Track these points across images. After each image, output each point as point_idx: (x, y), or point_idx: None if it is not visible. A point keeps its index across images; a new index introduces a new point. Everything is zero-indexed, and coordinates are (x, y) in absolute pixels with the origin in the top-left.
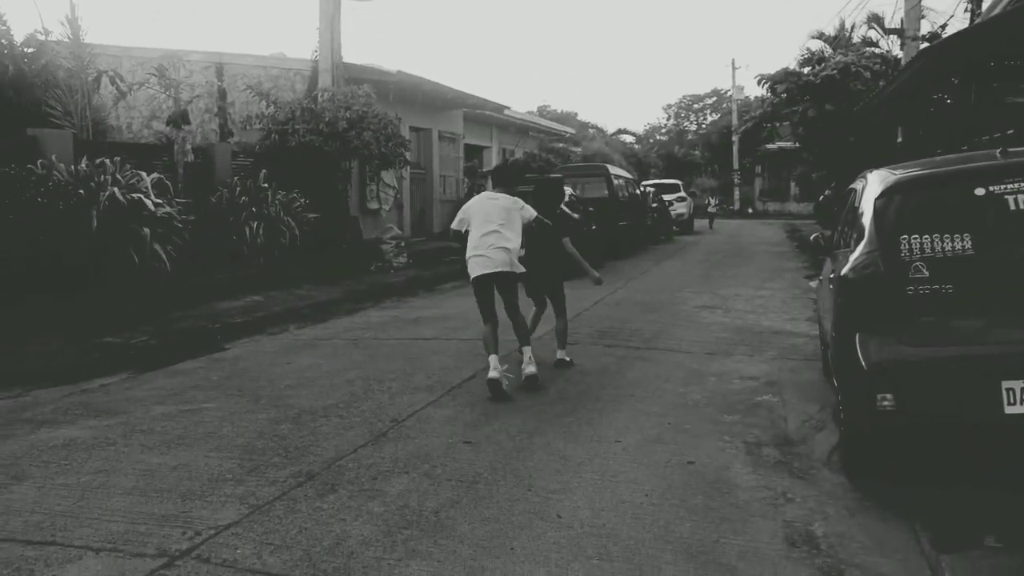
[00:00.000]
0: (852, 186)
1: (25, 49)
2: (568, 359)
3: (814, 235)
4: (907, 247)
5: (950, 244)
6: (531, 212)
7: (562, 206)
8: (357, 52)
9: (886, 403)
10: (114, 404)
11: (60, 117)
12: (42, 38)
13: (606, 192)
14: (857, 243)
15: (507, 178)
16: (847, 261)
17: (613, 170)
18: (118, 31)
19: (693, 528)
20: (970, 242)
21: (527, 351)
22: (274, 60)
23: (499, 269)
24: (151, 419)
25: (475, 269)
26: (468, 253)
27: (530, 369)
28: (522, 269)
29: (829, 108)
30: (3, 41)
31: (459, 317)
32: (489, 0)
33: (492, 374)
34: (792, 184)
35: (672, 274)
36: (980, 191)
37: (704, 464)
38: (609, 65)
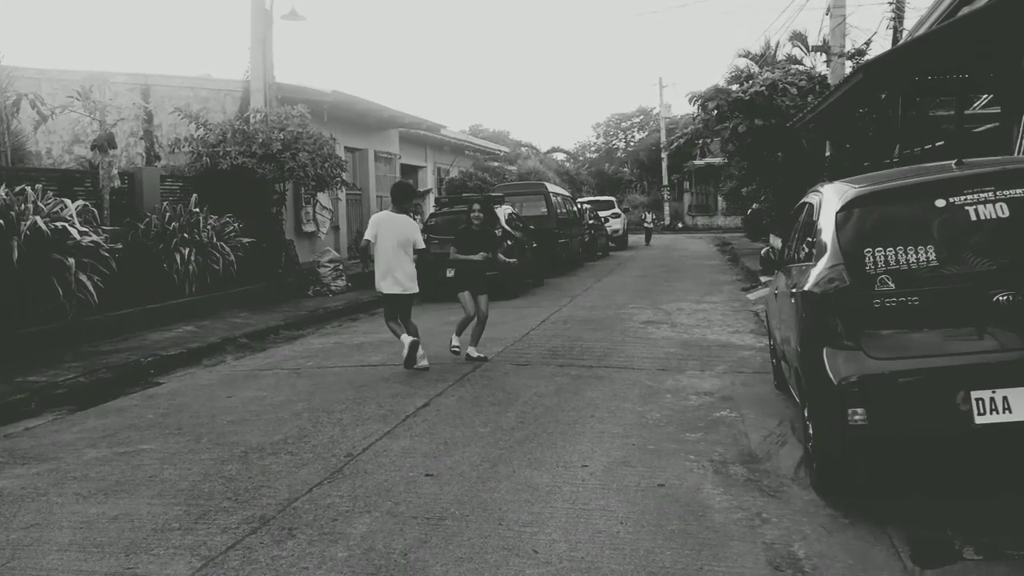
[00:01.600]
0: (806, 200)
1: None
2: (483, 355)
3: (764, 249)
4: (871, 260)
5: (914, 256)
6: (421, 240)
7: (502, 224)
8: (290, 72)
9: (857, 418)
10: (42, 449)
11: None
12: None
13: (545, 210)
14: (819, 257)
15: (402, 197)
16: (809, 276)
17: (551, 188)
18: (37, 52)
19: (674, 556)
20: (933, 253)
21: (417, 343)
22: (203, 81)
23: (404, 292)
24: (84, 464)
25: (387, 288)
26: (378, 270)
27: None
28: (416, 290)
29: (758, 123)
30: None
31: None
32: (422, 21)
33: (408, 340)
34: (720, 199)
35: (614, 290)
36: (941, 202)
37: (674, 486)
38: (539, 84)
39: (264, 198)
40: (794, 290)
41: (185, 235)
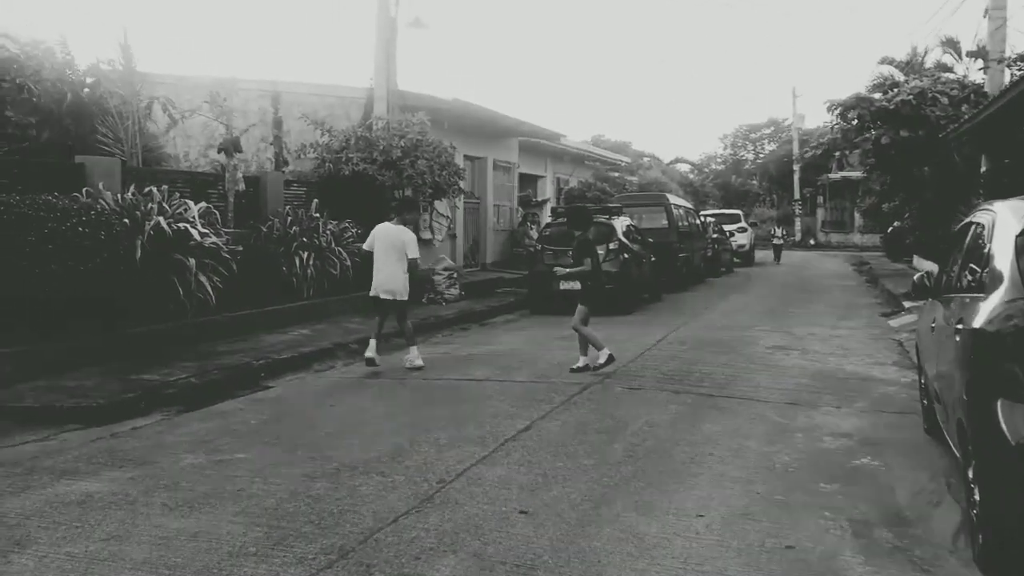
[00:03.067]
0: (973, 219)
1: (87, 79)
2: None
3: (918, 275)
4: None
5: None
6: (413, 249)
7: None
8: (413, 80)
9: None
10: (142, 452)
11: (111, 144)
12: (105, 68)
13: (665, 222)
14: (992, 288)
15: (403, 208)
16: (979, 310)
17: (672, 199)
18: (175, 60)
19: None
20: None
21: (414, 350)
22: (330, 88)
23: (392, 298)
24: (178, 471)
25: (377, 290)
26: (375, 274)
27: (416, 362)
28: (404, 297)
29: (904, 134)
30: (67, 70)
31: (512, 355)
32: (545, 29)
33: (369, 354)
34: (856, 215)
35: (738, 309)
36: None
37: (806, 550)
38: (663, 94)
39: (383, 205)
40: (959, 326)
41: (305, 239)
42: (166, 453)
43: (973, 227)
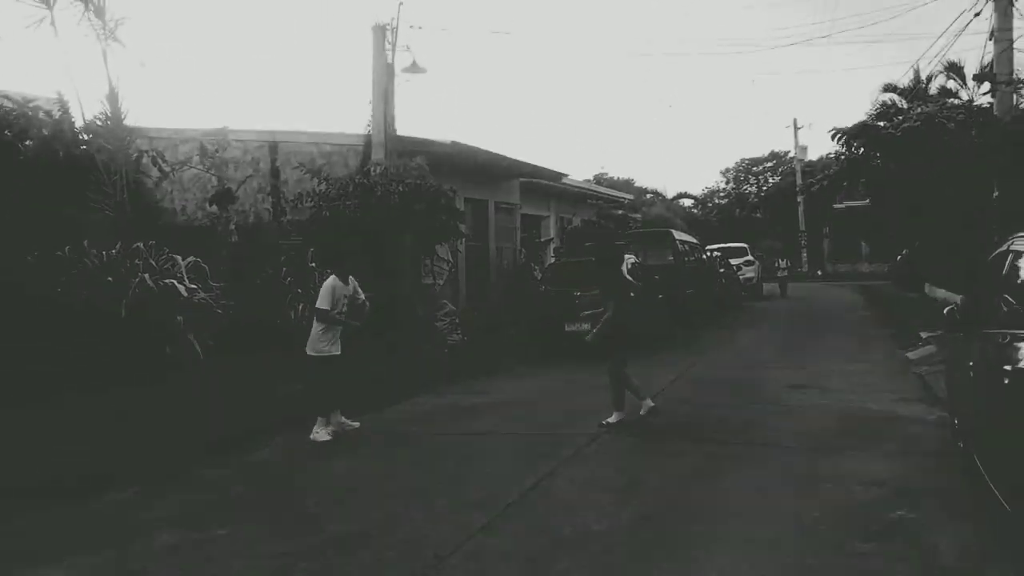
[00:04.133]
0: (1013, 248)
1: (83, 136)
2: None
3: (948, 307)
4: None
5: None
6: (320, 300)
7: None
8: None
9: None
10: (114, 531)
11: (99, 201)
12: (101, 124)
13: (671, 258)
14: None
15: (337, 263)
16: None
17: (678, 235)
18: (170, 115)
19: None
20: None
21: (319, 421)
22: (327, 136)
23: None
24: (149, 555)
25: (333, 350)
26: (328, 333)
27: (319, 437)
28: (310, 352)
29: (912, 162)
30: (62, 127)
31: (517, 404)
32: (542, 71)
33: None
34: (863, 244)
35: (751, 346)
36: None
37: None
38: (664, 131)
39: (382, 251)
40: (1007, 367)
41: (299, 290)
42: (141, 532)
43: (1010, 256)
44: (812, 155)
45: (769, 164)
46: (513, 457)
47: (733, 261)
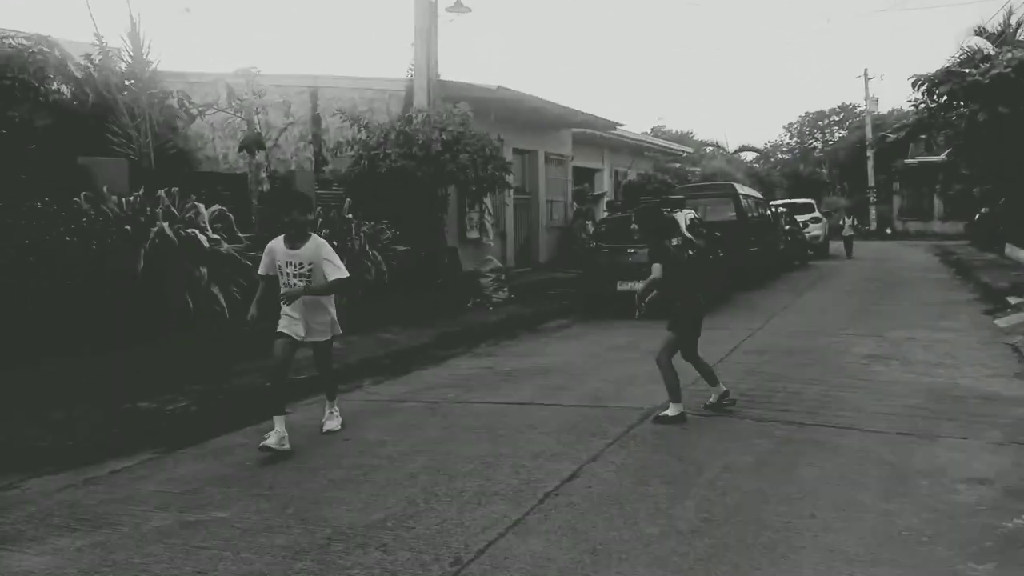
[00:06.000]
0: None
1: (127, 81)
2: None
3: None
4: None
5: None
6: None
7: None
8: (455, 68)
9: None
10: (108, 508)
11: (122, 144)
12: (150, 70)
13: (734, 214)
14: None
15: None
16: None
17: (741, 189)
18: (211, 62)
19: None
20: None
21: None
22: (369, 81)
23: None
24: (139, 538)
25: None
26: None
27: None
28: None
29: (1002, 111)
30: (94, 74)
31: (561, 370)
32: (598, 12)
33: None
34: (937, 201)
35: (819, 310)
36: None
37: None
38: (725, 82)
39: (424, 203)
40: None
41: (335, 243)
42: (135, 510)
43: None
44: (883, 107)
45: (836, 118)
46: (554, 435)
47: (799, 218)
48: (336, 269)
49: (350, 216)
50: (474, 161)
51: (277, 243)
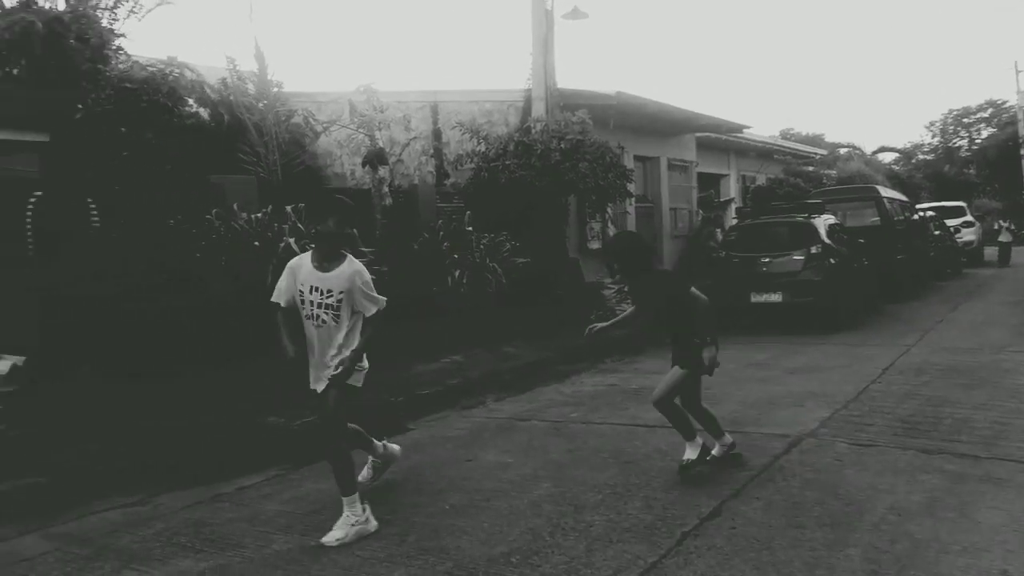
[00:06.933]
0: None
1: (257, 103)
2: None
3: None
4: None
5: None
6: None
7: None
8: (573, 76)
9: None
10: (232, 528)
11: (252, 162)
12: (275, 90)
13: (877, 218)
14: None
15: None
16: None
17: (884, 191)
18: (332, 80)
19: None
20: None
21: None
22: (486, 93)
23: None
24: (260, 562)
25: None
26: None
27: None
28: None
29: None
30: (228, 96)
31: None
32: (717, 14)
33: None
34: None
35: (979, 323)
36: None
37: None
38: (858, 83)
39: (544, 213)
40: None
41: (456, 256)
42: (257, 531)
43: None
44: None
45: (984, 114)
46: None
47: (949, 223)
48: (374, 302)
49: (470, 228)
50: (594, 170)
51: (303, 261)
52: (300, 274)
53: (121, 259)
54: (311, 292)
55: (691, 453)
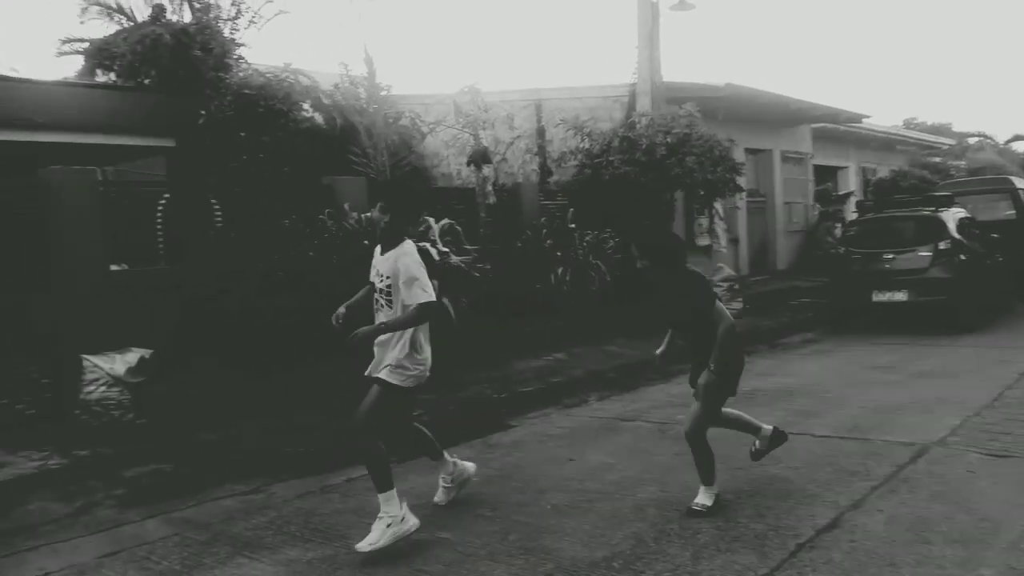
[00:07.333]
0: None
1: (368, 106)
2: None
3: None
4: None
5: None
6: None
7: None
8: (679, 69)
9: None
10: (340, 518)
11: (363, 164)
12: (384, 93)
13: (1013, 212)
14: None
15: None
16: None
17: (1020, 183)
18: (437, 82)
19: None
20: None
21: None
22: (590, 89)
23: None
24: (363, 556)
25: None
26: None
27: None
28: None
29: None
30: (341, 100)
31: (809, 393)
32: (831, 2)
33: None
34: None
35: None
36: None
37: None
38: (987, 68)
39: (649, 210)
40: None
41: (559, 253)
42: (363, 523)
43: None
44: None
45: None
46: (804, 472)
47: None
48: (414, 293)
49: (573, 226)
50: (702, 164)
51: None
52: (374, 258)
53: (240, 259)
54: (375, 276)
55: (705, 499)
